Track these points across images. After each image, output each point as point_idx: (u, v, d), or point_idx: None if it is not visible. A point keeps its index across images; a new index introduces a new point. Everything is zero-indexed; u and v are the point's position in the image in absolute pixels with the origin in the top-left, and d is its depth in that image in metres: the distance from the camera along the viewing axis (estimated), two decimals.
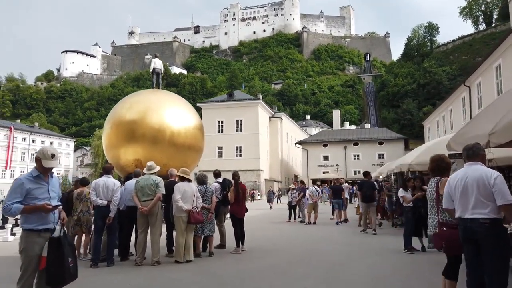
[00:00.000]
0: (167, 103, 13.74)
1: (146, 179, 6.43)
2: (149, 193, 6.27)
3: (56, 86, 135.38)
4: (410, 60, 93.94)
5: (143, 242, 6.25)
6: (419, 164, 7.98)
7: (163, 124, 13.16)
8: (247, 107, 42.68)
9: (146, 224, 6.34)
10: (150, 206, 6.18)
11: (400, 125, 71.29)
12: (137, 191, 6.33)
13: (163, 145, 13.09)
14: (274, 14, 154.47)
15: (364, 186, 10.55)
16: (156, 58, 14.80)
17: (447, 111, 30.88)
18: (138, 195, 6.31)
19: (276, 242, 8.99)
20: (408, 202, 6.63)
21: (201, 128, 14.67)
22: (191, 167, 15.38)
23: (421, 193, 6.68)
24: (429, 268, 5.66)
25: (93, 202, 6.40)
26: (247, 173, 41.24)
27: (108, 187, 6.32)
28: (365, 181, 10.80)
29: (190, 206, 6.32)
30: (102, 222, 6.25)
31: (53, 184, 3.46)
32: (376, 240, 8.86)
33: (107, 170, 6.70)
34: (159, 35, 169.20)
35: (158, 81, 14.80)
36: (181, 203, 6.24)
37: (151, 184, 6.32)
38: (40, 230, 3.26)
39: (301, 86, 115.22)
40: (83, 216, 6.82)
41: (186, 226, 6.33)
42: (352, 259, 6.54)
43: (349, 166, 43.60)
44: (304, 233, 10.74)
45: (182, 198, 6.28)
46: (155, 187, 6.30)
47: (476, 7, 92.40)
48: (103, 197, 6.29)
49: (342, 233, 10.59)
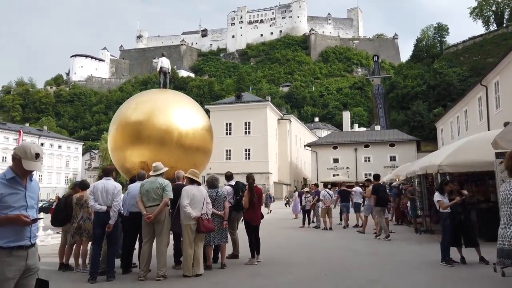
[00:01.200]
0: (174, 103, 13.18)
1: (151, 182, 5.75)
2: (155, 198, 5.60)
3: (65, 90, 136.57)
4: (419, 62, 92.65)
5: (147, 253, 5.59)
6: (450, 165, 7.26)
7: (170, 125, 12.60)
8: (255, 109, 42.10)
9: (151, 233, 5.68)
10: (156, 212, 5.52)
11: (410, 127, 70.14)
12: (142, 195, 5.68)
13: (170, 147, 12.52)
14: (282, 16, 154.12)
15: (380, 190, 10.12)
16: (163, 57, 14.27)
17: (461, 112, 29.95)
18: (143, 200, 5.65)
19: (294, 251, 8.28)
20: (446, 208, 5.92)
21: (210, 129, 14.11)
22: (200, 169, 14.80)
23: (460, 197, 6.00)
24: (485, 286, 4.94)
25: (91, 208, 5.77)
26: (256, 176, 40.36)
27: (107, 191, 5.69)
28: (379, 185, 10.36)
29: (200, 212, 5.64)
30: (101, 230, 5.60)
31: (31, 189, 2.72)
32: (404, 249, 8.07)
33: (106, 172, 6.05)
34: (167, 39, 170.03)
35: (165, 80, 14.30)
36: (190, 210, 5.56)
37: (157, 187, 5.64)
38: (12, 248, 2.49)
39: (309, 89, 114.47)
40: (84, 224, 6.17)
41: (195, 236, 5.66)
42: (387, 274, 5.78)
43: (359, 168, 42.70)
44: (322, 241, 10.04)
45: (190, 204, 5.61)
46: (161, 191, 5.62)
47: (487, 7, 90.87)
48: (102, 202, 5.65)
49: (363, 240, 9.86)
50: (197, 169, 15.08)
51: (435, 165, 7.37)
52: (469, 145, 7.16)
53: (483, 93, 24.01)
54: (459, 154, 7.16)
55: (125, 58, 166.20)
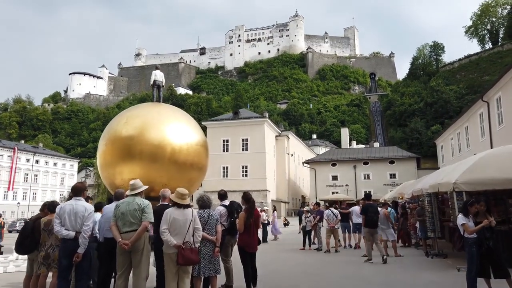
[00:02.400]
0: (168, 117, 12.54)
1: (128, 203, 4.85)
2: (133, 222, 4.75)
3: (62, 107, 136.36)
4: (416, 79, 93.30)
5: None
6: (466, 183, 6.59)
7: (163, 140, 11.91)
8: (253, 126, 41.55)
9: (127, 264, 4.76)
10: (133, 238, 4.66)
11: (408, 144, 69.83)
12: (117, 218, 4.79)
13: (163, 163, 11.80)
14: (279, 35, 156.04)
15: (369, 210, 9.66)
16: (157, 70, 13.80)
17: (462, 129, 29.51)
18: (118, 225, 4.77)
19: (296, 281, 7.39)
20: (472, 233, 5.19)
21: (205, 145, 13.43)
22: (194, 187, 14.05)
23: (487, 221, 5.23)
24: None
25: (56, 233, 4.84)
26: (253, 193, 39.46)
27: (76, 213, 4.78)
28: (370, 204, 9.87)
29: (182, 240, 4.72)
30: (68, 261, 4.69)
31: None
32: (419, 278, 7.23)
33: (76, 190, 5.06)
34: (166, 57, 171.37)
35: (159, 94, 13.75)
36: (168, 236, 4.69)
37: (135, 209, 4.77)
38: None
39: (306, 106, 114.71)
40: (53, 252, 5.14)
41: (179, 267, 4.78)
42: None
43: (359, 186, 41.94)
44: (326, 267, 9.20)
45: (170, 230, 4.74)
46: (140, 214, 4.75)
47: (482, 26, 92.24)
48: (69, 226, 4.74)
49: (370, 266, 9.06)
50: (191, 186, 14.29)
51: (450, 183, 6.71)
52: (487, 161, 6.54)
53: (485, 109, 23.59)
54: (476, 171, 6.53)
55: (124, 76, 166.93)
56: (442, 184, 7.44)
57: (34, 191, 68.55)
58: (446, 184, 7.15)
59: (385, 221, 10.40)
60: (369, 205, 9.90)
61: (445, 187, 7.22)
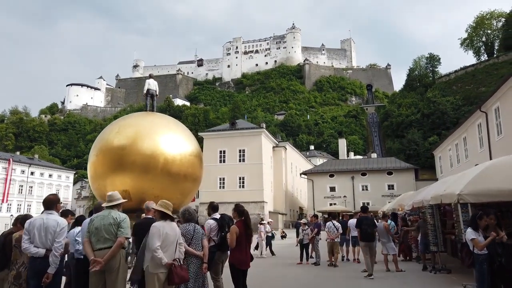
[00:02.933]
0: (161, 127, 12.24)
1: (103, 216, 4.40)
2: (107, 238, 4.28)
3: (59, 119, 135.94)
4: (412, 91, 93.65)
5: None
6: (471, 194, 6.26)
7: (155, 150, 11.58)
8: (250, 136, 41.22)
9: (101, 285, 4.30)
10: (107, 256, 4.19)
11: (406, 155, 69.61)
12: (90, 234, 4.35)
13: (155, 174, 11.46)
14: (276, 47, 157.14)
15: (363, 223, 9.43)
16: (150, 79, 13.52)
17: (460, 139, 29.31)
18: (92, 241, 4.32)
19: None
20: (482, 248, 4.82)
21: (199, 155, 13.09)
22: (188, 198, 13.64)
23: (494, 234, 4.86)
24: None
25: (24, 251, 4.37)
26: (250, 205, 39.14)
27: (47, 228, 4.29)
28: (364, 217, 9.62)
29: (172, 257, 4.32)
30: (37, 282, 4.22)
31: None
32: None
33: (47, 203, 4.58)
34: (163, 68, 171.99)
35: (152, 103, 13.46)
36: (162, 254, 4.24)
37: (109, 223, 4.30)
38: None
39: (304, 117, 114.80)
40: (25, 271, 4.62)
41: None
42: None
43: (357, 197, 41.52)
44: (325, 283, 8.74)
45: (162, 246, 4.27)
46: (115, 228, 4.29)
47: (477, 38, 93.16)
48: (39, 243, 4.29)
49: (371, 282, 8.65)
50: (185, 198, 13.80)
51: (454, 194, 6.38)
52: (492, 171, 6.24)
53: (483, 119, 23.42)
54: (481, 181, 6.22)
55: (121, 87, 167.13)
56: (445, 196, 7.11)
57: (28, 203, 67.66)
58: (449, 196, 6.82)
59: (385, 234, 10.02)
60: (364, 217, 9.64)
61: (449, 198, 6.88)
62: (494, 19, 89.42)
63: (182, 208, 5.06)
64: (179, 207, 11.96)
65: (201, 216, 40.10)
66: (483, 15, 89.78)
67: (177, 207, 10.73)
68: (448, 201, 7.07)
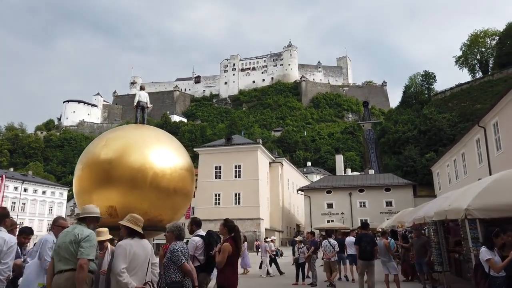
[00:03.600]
0: (150, 140, 11.72)
1: (67, 232, 3.78)
2: (67, 258, 3.64)
3: (55, 135, 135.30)
4: (408, 108, 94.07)
5: None
6: (481, 209, 5.77)
7: (144, 163, 11.03)
8: (246, 152, 40.71)
9: None
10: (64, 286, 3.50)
11: (403, 172, 69.20)
12: (54, 253, 3.75)
13: (143, 189, 10.86)
14: (273, 64, 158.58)
15: (363, 240, 8.91)
16: (141, 91, 13.08)
17: (458, 155, 28.98)
18: (55, 261, 3.71)
19: None
20: (499, 270, 4.30)
21: (190, 169, 12.58)
22: (178, 214, 13.06)
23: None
24: None
25: None
26: (246, 222, 38.36)
27: None
28: (364, 234, 9.11)
29: (143, 280, 3.70)
30: None
31: None
32: None
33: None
34: (161, 85, 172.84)
35: (143, 115, 13.02)
36: (127, 278, 3.62)
37: (70, 241, 3.66)
38: None
39: (300, 133, 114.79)
40: None
41: None
42: None
43: (355, 214, 40.81)
44: None
45: (129, 269, 3.67)
46: (75, 247, 3.63)
47: (472, 56, 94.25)
48: None
49: None
50: (175, 214, 13.20)
51: (460, 209, 5.89)
52: (501, 184, 5.80)
53: (481, 135, 23.13)
54: (489, 195, 5.76)
55: (118, 104, 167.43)
56: (450, 211, 6.62)
57: (21, 220, 66.17)
58: (455, 211, 6.32)
59: (386, 253, 9.47)
60: (363, 234, 9.13)
61: (455, 214, 6.38)
62: (488, 37, 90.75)
63: (170, 224, 4.51)
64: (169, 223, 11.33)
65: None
66: (477, 33, 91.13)
67: (167, 223, 10.20)
68: (453, 217, 6.57)
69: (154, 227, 11.61)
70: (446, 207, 6.83)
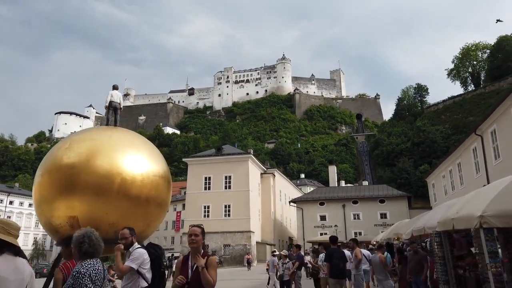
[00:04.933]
0: (121, 142, 10.54)
1: None
2: None
3: (46, 147, 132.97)
4: (402, 120, 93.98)
5: None
6: (500, 216, 4.63)
7: (111, 168, 9.87)
8: (236, 162, 39.49)
9: None
10: None
11: (397, 184, 68.36)
12: None
13: (109, 197, 9.62)
14: (267, 77, 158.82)
15: (334, 256, 7.89)
16: (114, 90, 11.97)
17: (454, 165, 28.12)
18: None
19: None
20: None
21: (166, 177, 11.38)
22: (152, 226, 11.84)
23: None
24: None
25: None
26: (236, 235, 36.99)
27: None
28: (335, 250, 8.12)
29: None
30: None
31: None
32: None
33: None
34: (154, 97, 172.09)
35: (115, 117, 11.92)
36: None
37: None
38: None
39: (294, 145, 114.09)
40: None
41: None
42: None
43: (349, 227, 39.58)
44: None
45: None
46: None
47: (464, 69, 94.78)
48: None
49: None
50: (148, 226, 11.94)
51: (473, 217, 4.80)
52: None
53: (478, 143, 22.30)
54: (508, 200, 4.73)
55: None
56: (459, 219, 5.52)
57: None
58: (465, 219, 5.22)
59: (381, 270, 8.34)
60: (334, 250, 8.09)
61: (465, 222, 5.27)
62: (479, 51, 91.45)
63: (77, 232, 3.18)
64: (142, 236, 10.01)
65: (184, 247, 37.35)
66: (468, 47, 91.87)
67: (138, 236, 8.74)
68: (464, 226, 5.48)
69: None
70: (453, 215, 5.77)
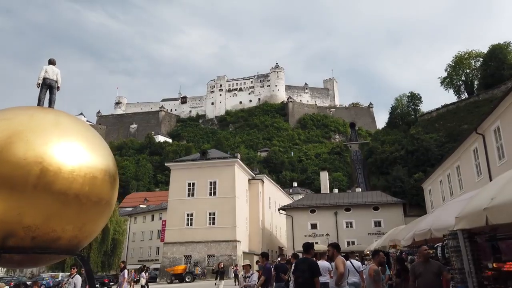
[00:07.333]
0: (47, 125, 8.47)
1: None
2: None
3: None
4: (395, 128, 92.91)
5: None
6: None
7: (27, 156, 7.85)
8: (222, 167, 37.25)
9: None
10: None
11: (392, 192, 66.50)
12: None
13: (24, 192, 7.35)
14: (260, 85, 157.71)
15: (298, 268, 5.96)
16: (49, 65, 9.82)
17: (453, 168, 26.27)
18: None
19: None
20: None
21: (107, 170, 9.15)
22: (88, 232, 9.74)
23: None
24: None
25: None
26: (221, 244, 34.63)
27: None
28: (302, 259, 6.12)
29: None
30: None
31: None
32: None
33: None
34: (146, 105, 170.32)
35: (51, 98, 9.80)
36: None
37: None
38: None
39: (287, 154, 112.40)
40: None
41: None
42: None
43: (341, 235, 37.38)
44: None
45: None
46: None
47: (457, 77, 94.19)
48: None
49: None
50: (82, 232, 9.51)
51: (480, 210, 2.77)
52: None
53: (480, 143, 20.45)
54: None
55: (102, 124, 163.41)
56: (497, 210, 3.40)
57: None
58: (498, 209, 3.16)
59: (371, 285, 6.28)
60: (302, 260, 6.13)
61: (498, 216, 3.21)
62: (472, 59, 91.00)
63: None
64: (75, 245, 7.47)
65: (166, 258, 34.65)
66: (461, 55, 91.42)
67: (66, 242, 6.05)
68: (500, 221, 3.42)
69: (45, 248, 7.79)
70: (486, 203, 3.67)
